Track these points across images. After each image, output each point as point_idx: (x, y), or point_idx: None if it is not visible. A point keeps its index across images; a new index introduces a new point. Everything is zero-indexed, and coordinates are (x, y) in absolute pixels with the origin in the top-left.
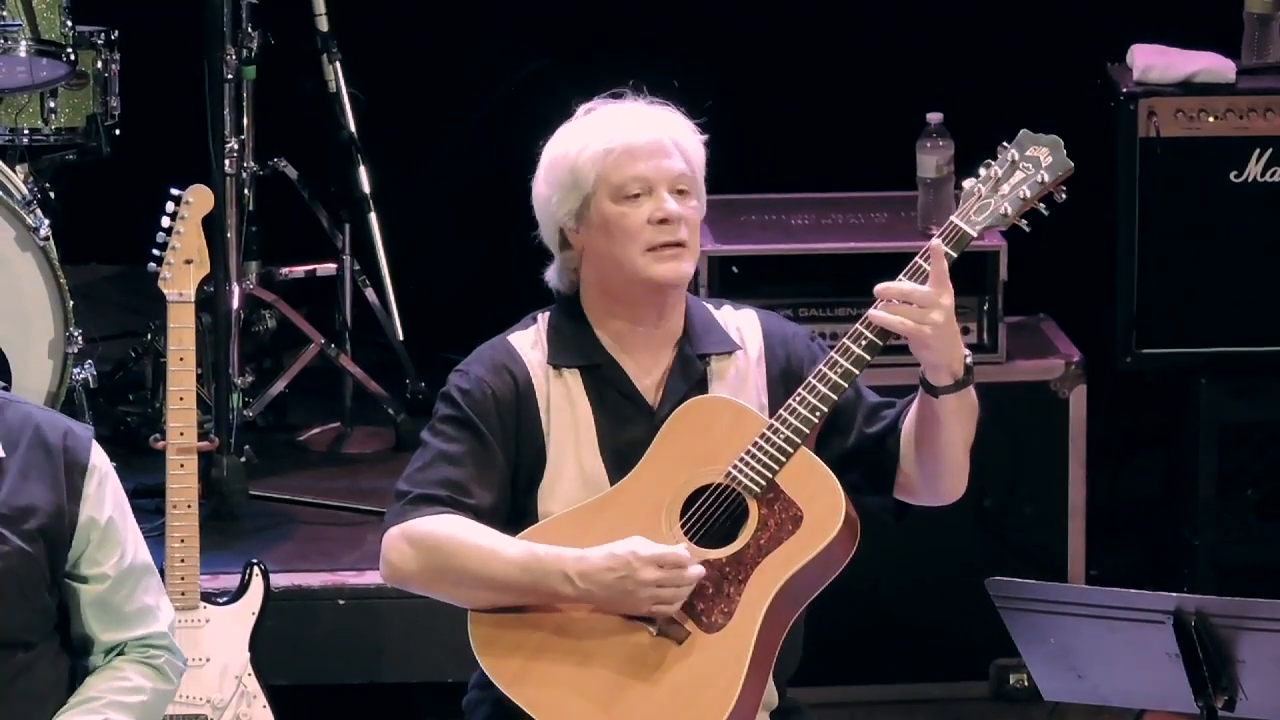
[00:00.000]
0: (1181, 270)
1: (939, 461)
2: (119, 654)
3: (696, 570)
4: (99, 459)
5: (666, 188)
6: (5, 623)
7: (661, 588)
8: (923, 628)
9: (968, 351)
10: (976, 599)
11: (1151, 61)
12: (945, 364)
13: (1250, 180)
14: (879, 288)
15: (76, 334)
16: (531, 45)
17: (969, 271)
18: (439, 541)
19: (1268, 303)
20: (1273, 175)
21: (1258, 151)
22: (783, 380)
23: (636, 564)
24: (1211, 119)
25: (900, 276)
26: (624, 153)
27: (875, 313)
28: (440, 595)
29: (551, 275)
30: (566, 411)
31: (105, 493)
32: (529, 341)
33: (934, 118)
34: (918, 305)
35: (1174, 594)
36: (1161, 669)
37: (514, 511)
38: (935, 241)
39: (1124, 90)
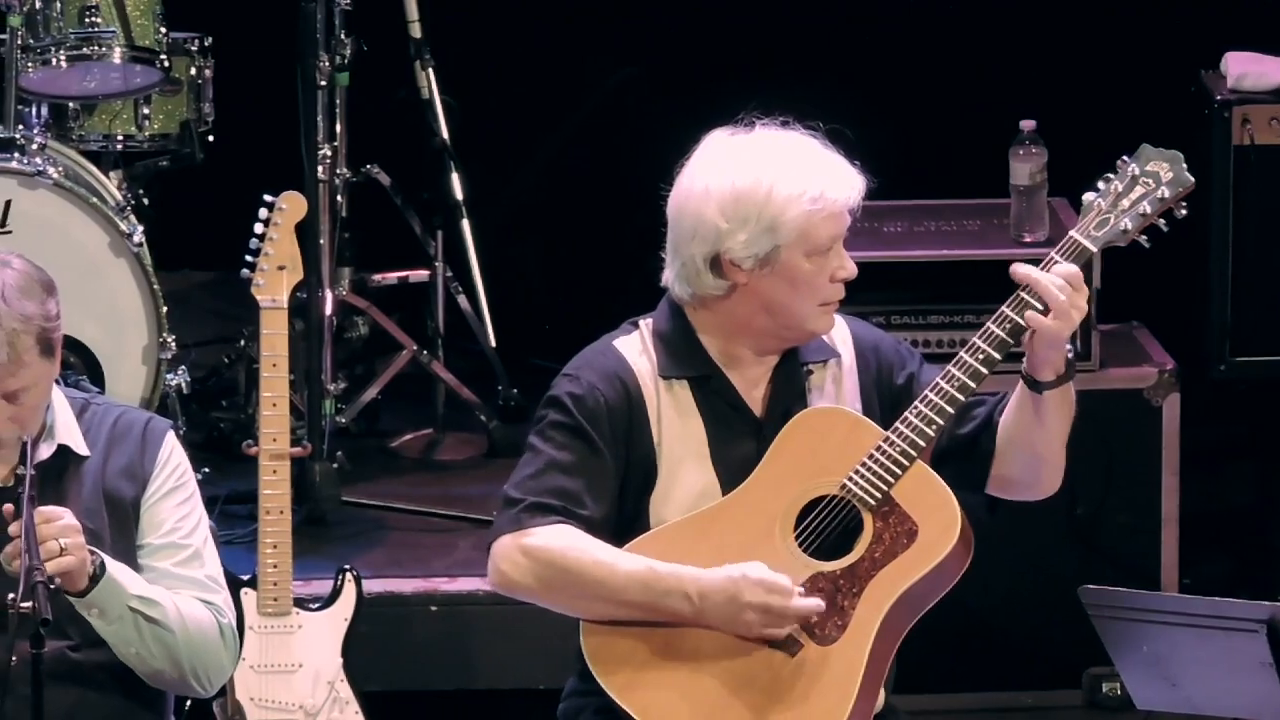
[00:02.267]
0: (1275, 278)
1: (1039, 458)
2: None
3: (807, 604)
4: (171, 447)
5: (842, 241)
6: None
7: (769, 613)
8: (1015, 636)
9: (1070, 347)
10: (1069, 607)
11: (1245, 69)
12: (1054, 360)
13: None
14: (1021, 271)
15: (170, 340)
16: (622, 52)
17: None
18: (555, 555)
19: None
20: None
21: None
22: (875, 388)
23: (745, 587)
24: None
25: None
26: (829, 214)
27: (1028, 314)
28: (551, 606)
29: (672, 281)
30: (677, 422)
31: (169, 479)
32: (636, 349)
33: (1027, 125)
34: (1067, 298)
35: (1267, 603)
36: (1255, 678)
37: (624, 519)
38: (1056, 258)
39: (1218, 98)
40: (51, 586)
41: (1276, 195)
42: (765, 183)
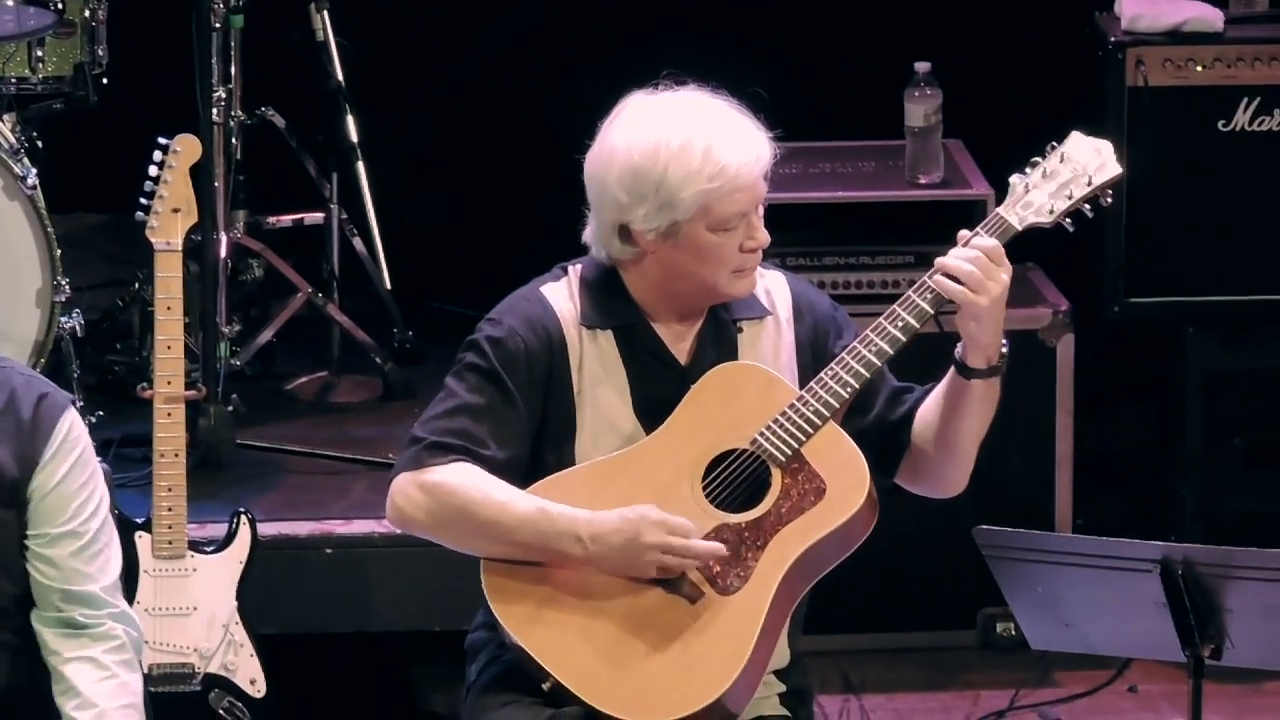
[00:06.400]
0: (1169, 219)
1: (951, 450)
2: (86, 648)
3: (707, 545)
4: (67, 426)
5: (755, 209)
6: None
7: (667, 554)
8: (910, 577)
9: (1005, 342)
10: (963, 548)
11: (1140, 10)
12: (985, 345)
13: (1238, 129)
14: (940, 260)
15: (64, 283)
16: None
17: (955, 221)
18: (449, 492)
19: (1255, 252)
20: (1260, 124)
21: (1245, 100)
22: (810, 348)
23: (645, 528)
24: (1199, 68)
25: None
26: (730, 189)
27: (937, 278)
28: (446, 543)
29: (592, 242)
30: (599, 371)
31: (65, 462)
32: (562, 295)
33: (922, 66)
34: (981, 270)
35: (1161, 543)
36: (1149, 618)
37: (548, 467)
38: (980, 236)
39: (1112, 39)
40: None
41: (1170, 137)
42: (662, 159)
